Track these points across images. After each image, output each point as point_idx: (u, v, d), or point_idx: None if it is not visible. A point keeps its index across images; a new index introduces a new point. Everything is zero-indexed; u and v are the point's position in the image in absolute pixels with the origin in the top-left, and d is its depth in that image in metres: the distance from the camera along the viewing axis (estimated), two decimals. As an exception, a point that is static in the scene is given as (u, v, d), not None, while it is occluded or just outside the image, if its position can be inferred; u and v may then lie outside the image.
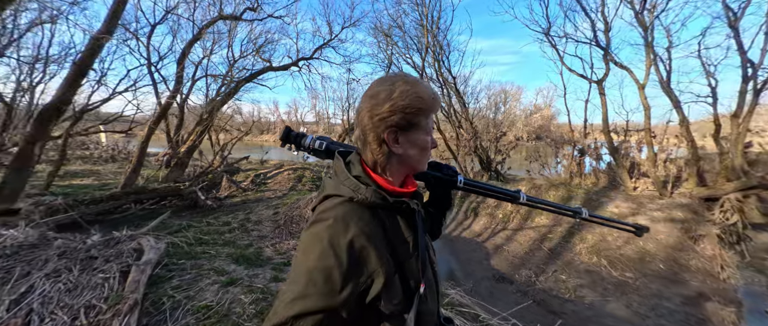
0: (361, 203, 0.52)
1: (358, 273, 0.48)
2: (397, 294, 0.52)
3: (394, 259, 0.53)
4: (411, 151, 0.57)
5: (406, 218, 0.58)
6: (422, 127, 0.56)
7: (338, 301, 0.45)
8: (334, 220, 0.49)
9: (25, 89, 8.80)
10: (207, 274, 1.83)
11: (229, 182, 5.42)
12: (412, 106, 0.54)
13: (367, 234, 0.50)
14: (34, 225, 2.20)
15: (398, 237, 0.56)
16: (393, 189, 0.56)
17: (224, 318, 1.37)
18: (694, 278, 4.16)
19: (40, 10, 8.06)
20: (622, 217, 5.26)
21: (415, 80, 0.56)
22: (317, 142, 0.71)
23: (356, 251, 0.48)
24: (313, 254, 0.47)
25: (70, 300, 1.34)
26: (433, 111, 0.57)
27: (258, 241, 3.16)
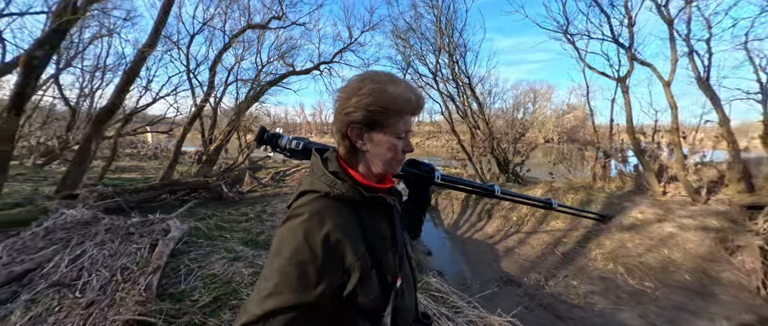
0: (337, 198, 0.52)
1: (334, 268, 0.47)
2: (373, 289, 0.52)
3: (371, 254, 0.52)
4: (375, 150, 0.56)
5: (383, 213, 0.59)
6: (388, 127, 0.55)
7: (313, 297, 0.44)
8: (310, 215, 0.49)
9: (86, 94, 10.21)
10: (218, 251, 2.14)
11: (251, 178, 5.92)
12: (375, 105, 0.53)
13: (343, 229, 0.50)
14: (89, 208, 2.68)
15: (375, 232, 0.55)
16: (369, 184, 0.56)
17: (225, 285, 1.65)
18: (725, 292, 3.83)
19: (100, 25, 9.32)
20: (647, 224, 4.95)
21: (389, 79, 0.55)
22: (294, 141, 0.70)
23: (332, 245, 0.47)
24: (287, 249, 0.47)
25: (110, 263, 1.69)
26: (404, 113, 0.55)
27: (269, 230, 3.50)
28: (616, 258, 4.46)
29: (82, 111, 9.72)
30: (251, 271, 1.81)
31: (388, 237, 0.58)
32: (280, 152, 0.72)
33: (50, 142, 9.18)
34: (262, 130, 0.72)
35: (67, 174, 3.78)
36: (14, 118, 3.34)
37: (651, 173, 5.47)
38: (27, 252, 1.73)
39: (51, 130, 10.22)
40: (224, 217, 3.70)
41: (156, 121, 10.68)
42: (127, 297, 1.36)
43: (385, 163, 0.57)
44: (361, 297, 0.50)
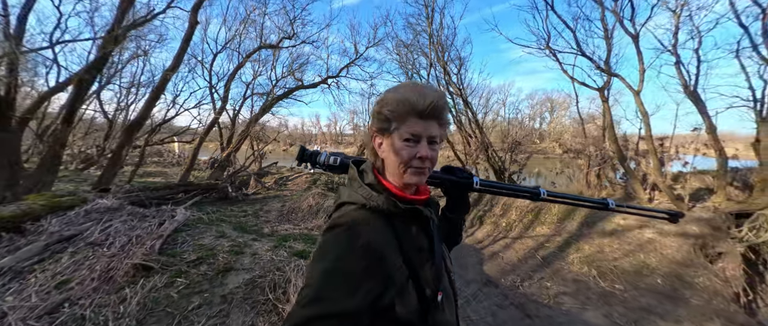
0: (373, 210, 0.54)
1: (371, 278, 0.48)
2: (411, 302, 0.51)
3: (408, 266, 0.53)
4: (388, 156, 0.58)
5: (419, 225, 0.59)
6: (394, 131, 0.56)
7: (351, 305, 0.45)
8: (348, 226, 0.51)
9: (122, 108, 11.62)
10: (211, 232, 2.72)
11: (256, 182, 6.62)
12: (383, 111, 0.56)
13: (380, 241, 0.51)
14: (117, 199, 3.38)
15: (412, 244, 0.55)
16: (404, 195, 0.58)
17: (209, 251, 2.20)
18: (697, 297, 3.93)
19: (136, 47, 10.72)
20: (628, 230, 5.08)
21: (401, 85, 0.58)
22: (331, 158, 0.73)
23: (369, 256, 0.49)
24: (327, 259, 0.48)
25: (129, 232, 2.30)
26: (408, 115, 0.55)
27: (262, 223, 4.08)
28: (591, 262, 4.64)
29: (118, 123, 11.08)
30: (230, 244, 2.37)
31: (425, 249, 0.58)
32: (319, 168, 0.75)
33: (89, 150, 10.52)
34: (302, 148, 0.75)
35: (102, 174, 4.60)
36: (66, 128, 4.22)
37: (636, 181, 5.58)
38: (72, 225, 2.38)
39: (91, 140, 11.66)
40: (225, 212, 4.33)
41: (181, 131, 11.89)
42: (138, 251, 1.94)
43: (399, 170, 0.57)
44: (399, 309, 0.50)
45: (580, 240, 5.15)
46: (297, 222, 4.13)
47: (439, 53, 7.68)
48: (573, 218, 5.74)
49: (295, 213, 4.50)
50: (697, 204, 5.18)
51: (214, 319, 1.46)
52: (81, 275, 1.73)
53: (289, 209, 4.64)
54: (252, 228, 3.39)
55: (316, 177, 7.52)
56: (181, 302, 1.58)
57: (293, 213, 4.50)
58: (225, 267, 1.96)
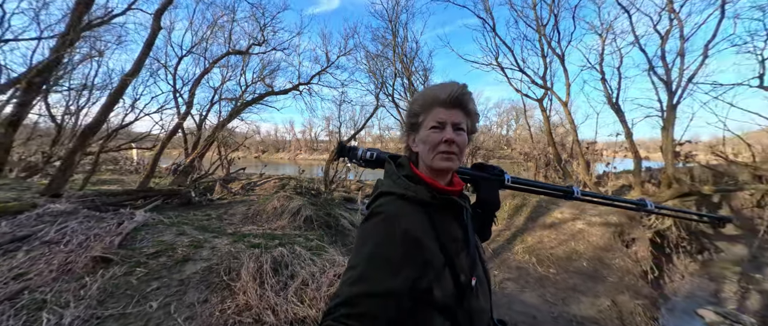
0: (410, 200, 0.58)
1: (410, 263, 0.52)
2: (448, 286, 0.56)
3: (444, 254, 0.57)
4: (421, 148, 0.63)
5: (453, 215, 0.63)
6: (423, 123, 0.63)
7: (394, 285, 0.50)
8: (388, 215, 0.56)
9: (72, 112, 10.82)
10: (171, 231, 2.86)
11: (222, 187, 6.60)
12: (412, 109, 0.64)
13: (417, 229, 0.55)
14: (71, 203, 3.36)
15: (447, 233, 0.59)
16: (440, 187, 0.62)
17: (170, 247, 2.37)
18: (613, 275, 4.65)
19: (90, 47, 10.11)
20: (564, 222, 5.82)
21: (434, 85, 0.64)
22: (368, 153, 0.77)
23: (409, 241, 0.53)
24: (370, 243, 0.53)
25: (87, 232, 2.40)
26: (433, 106, 0.62)
27: (226, 225, 4.19)
28: (532, 251, 5.27)
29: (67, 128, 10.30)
30: (190, 240, 2.54)
31: (460, 238, 0.62)
32: (356, 162, 0.79)
33: (33, 157, 9.67)
34: (341, 144, 0.81)
35: (52, 181, 4.42)
36: (11, 132, 4.06)
37: (572, 180, 6.42)
38: (24, 227, 2.43)
39: (33, 146, 10.70)
40: (188, 217, 4.38)
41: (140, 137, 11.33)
42: (97, 246, 2.08)
43: (429, 157, 0.63)
44: (437, 293, 0.54)
45: (524, 233, 5.80)
46: (261, 224, 4.29)
47: (404, 64, 8.24)
48: (521, 214, 6.43)
49: (259, 215, 4.65)
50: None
51: (171, 297, 1.68)
52: (38, 268, 1.85)
53: (254, 212, 4.78)
54: (214, 229, 3.53)
55: (284, 182, 7.60)
56: (141, 286, 1.77)
57: (258, 215, 4.65)
58: (184, 258, 2.16)
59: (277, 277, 1.85)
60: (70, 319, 1.40)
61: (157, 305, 1.59)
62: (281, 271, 1.93)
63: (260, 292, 1.62)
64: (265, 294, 1.60)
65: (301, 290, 1.65)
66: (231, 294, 1.69)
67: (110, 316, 1.48)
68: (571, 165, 6.68)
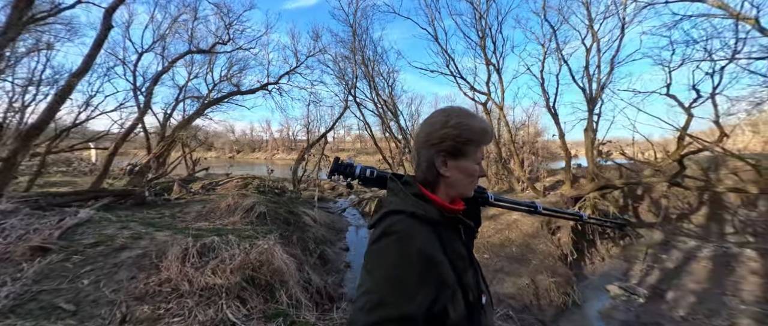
0: (422, 219, 0.60)
1: (427, 284, 0.52)
2: (460, 305, 0.57)
3: (455, 272, 0.58)
4: (458, 175, 0.65)
5: (457, 234, 0.67)
6: (470, 155, 0.65)
7: (413, 309, 0.50)
8: (402, 234, 0.56)
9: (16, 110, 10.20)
10: (116, 226, 3.09)
11: (181, 187, 6.70)
12: (462, 136, 0.64)
13: (430, 248, 0.56)
14: (12, 203, 3.47)
15: (454, 251, 0.62)
16: (448, 206, 0.65)
17: (110, 238, 2.64)
18: (536, 258, 5.37)
19: (37, 40, 9.61)
20: (503, 214, 6.53)
21: (469, 114, 0.67)
22: (367, 171, 0.78)
23: (425, 260, 0.54)
24: (385, 264, 0.54)
25: (26, 227, 2.61)
26: (482, 143, 0.66)
27: (177, 223, 4.41)
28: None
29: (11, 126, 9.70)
30: (130, 233, 2.82)
31: (465, 256, 0.65)
32: (352, 180, 0.78)
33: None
34: (336, 160, 0.78)
35: (-9, 182, 4.39)
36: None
37: (512, 177, 7.19)
38: (-39, 224, 2.59)
39: (-29, 147, 9.99)
40: (140, 215, 4.55)
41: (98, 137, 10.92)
42: (35, 238, 2.32)
43: (464, 187, 0.67)
44: (451, 313, 0.55)
45: (469, 224, 6.46)
46: (213, 220, 4.55)
47: (367, 67, 8.67)
48: (468, 207, 7.10)
49: (213, 213, 4.89)
50: (551, 191, 6.90)
51: (103, 276, 1.99)
52: (-23, 258, 2.08)
53: (208, 210, 5.01)
54: (162, 225, 3.77)
55: (247, 181, 7.78)
56: (75, 269, 2.06)
57: (212, 213, 4.89)
58: (121, 247, 2.45)
59: (203, 258, 2.21)
60: (5, 294, 1.68)
61: (88, 282, 1.89)
62: (207, 254, 2.29)
63: (181, 269, 1.97)
64: (185, 270, 1.96)
65: (218, 266, 2.02)
66: (157, 271, 2.03)
67: (44, 291, 1.77)
68: (508, 162, 7.44)
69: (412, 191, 0.64)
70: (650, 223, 7.78)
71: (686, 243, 6.97)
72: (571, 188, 6.82)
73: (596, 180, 6.30)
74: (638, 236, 7.38)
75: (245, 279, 1.89)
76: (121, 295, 1.77)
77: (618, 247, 7.09)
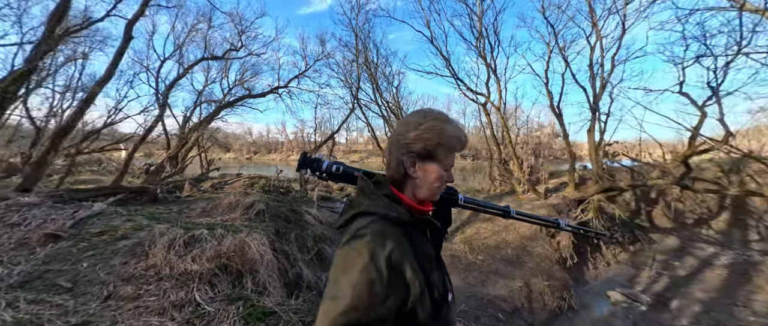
0: (392, 220, 0.60)
1: (398, 285, 0.54)
2: (427, 305, 0.58)
3: (423, 272, 0.59)
4: (425, 178, 0.66)
5: (426, 235, 0.69)
6: (439, 159, 0.66)
7: (383, 312, 0.51)
8: (372, 236, 0.56)
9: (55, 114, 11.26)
10: (123, 218, 3.44)
11: (191, 185, 7.16)
12: (433, 140, 0.64)
13: (401, 250, 0.57)
14: (39, 197, 3.92)
15: (423, 252, 0.63)
16: (417, 207, 0.67)
17: (115, 229, 2.96)
18: (532, 261, 5.31)
19: (73, 50, 10.58)
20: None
21: (446, 118, 0.68)
22: (334, 166, 0.77)
23: (395, 264, 0.55)
24: (355, 269, 0.53)
25: (44, 217, 2.98)
26: (454, 149, 0.67)
27: (183, 218, 4.76)
28: (468, 241, 5.92)
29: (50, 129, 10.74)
30: (132, 225, 3.13)
31: (433, 256, 0.67)
32: (319, 176, 0.78)
33: (13, 158, 10.13)
34: (304, 154, 0.78)
35: (25, 178, 4.96)
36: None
37: (511, 177, 7.09)
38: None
39: (15, 147, 11.14)
40: (149, 210, 4.95)
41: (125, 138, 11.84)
42: (50, 226, 2.66)
43: (430, 190, 0.68)
44: (419, 313, 0.57)
45: (466, 226, 6.45)
46: (214, 216, 4.87)
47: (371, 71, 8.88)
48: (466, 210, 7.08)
49: (216, 209, 5.23)
50: (553, 194, 6.75)
51: (100, 260, 2.27)
52: (2, 243, 2.43)
53: (212, 207, 5.36)
54: (165, 219, 4.11)
55: (254, 181, 8.17)
56: (79, 253, 2.36)
57: (214, 209, 5.23)
58: (122, 236, 2.75)
59: (188, 248, 2.45)
60: (18, 272, 1.98)
61: (87, 265, 2.18)
62: (193, 244, 2.53)
63: (166, 256, 2.22)
64: (169, 257, 2.20)
65: (197, 255, 2.25)
66: (146, 258, 2.28)
67: (49, 271, 2.07)
68: (508, 163, 7.35)
69: (384, 192, 0.65)
70: (664, 228, 7.43)
71: (704, 249, 6.61)
72: (575, 190, 6.65)
73: (600, 182, 6.11)
74: (651, 241, 7.07)
75: (219, 267, 2.10)
76: (112, 277, 2.03)
77: (627, 253, 6.83)
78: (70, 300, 1.72)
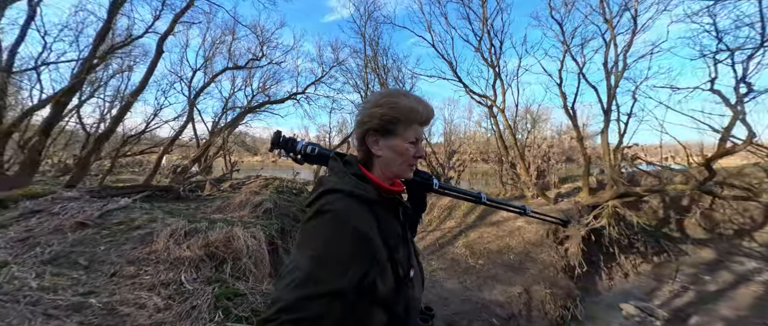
0: (359, 198, 0.62)
1: (361, 259, 0.56)
2: (389, 280, 0.61)
3: (387, 248, 0.62)
4: (390, 154, 0.69)
5: (394, 213, 0.71)
6: (399, 134, 0.68)
7: (343, 284, 0.52)
8: (338, 212, 0.58)
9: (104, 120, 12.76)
10: (141, 212, 3.92)
11: (212, 185, 7.79)
12: (388, 115, 0.66)
13: (365, 226, 0.59)
14: (79, 192, 4.57)
15: (389, 229, 0.65)
16: (385, 187, 0.69)
17: (133, 220, 3.41)
18: (535, 268, 5.18)
19: (120, 64, 11.94)
20: (506, 220, 6.35)
21: (402, 94, 0.70)
22: (309, 147, 0.79)
23: (358, 238, 0.57)
24: (318, 242, 0.55)
25: (79, 209, 3.50)
26: (414, 121, 0.69)
27: (194, 212, 5.26)
28: (470, 245, 5.89)
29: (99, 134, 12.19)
30: (148, 217, 3.57)
31: (399, 234, 0.69)
32: (293, 157, 0.80)
33: (68, 160, 11.62)
34: (278, 133, 0.79)
35: (71, 177, 5.77)
36: (43, 139, 5.42)
37: (519, 181, 6.88)
38: (40, 205, 3.58)
39: (71, 150, 12.75)
40: (170, 206, 5.52)
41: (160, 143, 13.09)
42: (81, 215, 3.14)
43: (397, 167, 0.70)
44: (380, 287, 0.59)
45: (470, 230, 6.40)
46: (226, 213, 5.31)
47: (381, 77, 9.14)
48: (473, 213, 7.01)
49: (228, 207, 5.69)
50: (564, 199, 6.46)
51: (114, 245, 2.66)
52: (42, 227, 2.92)
53: (225, 204, 5.83)
54: (179, 214, 4.58)
55: (269, 181, 8.69)
56: (100, 239, 2.78)
57: (227, 207, 5.69)
58: (137, 226, 3.17)
59: (187, 237, 2.79)
60: (49, 251, 2.41)
61: (104, 248, 2.57)
62: (193, 235, 2.87)
63: (166, 244, 2.56)
64: (168, 244, 2.53)
65: (192, 243, 2.57)
66: (151, 244, 2.65)
67: (73, 252, 2.48)
68: (514, 166, 7.15)
69: (352, 171, 0.66)
70: (698, 239, 6.85)
71: (743, 264, 6.02)
72: (589, 196, 6.35)
73: (616, 187, 5.80)
74: (681, 253, 6.55)
75: (207, 254, 2.39)
76: (120, 259, 2.39)
77: (649, 263, 6.39)
78: (84, 275, 2.08)
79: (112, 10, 5.82)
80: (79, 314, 1.58)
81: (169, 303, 1.79)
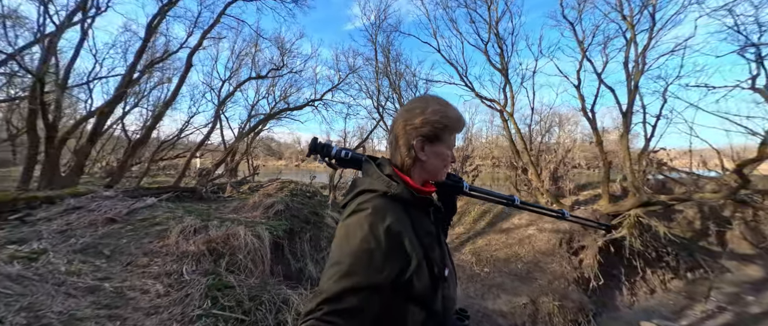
0: (393, 197, 0.65)
1: (396, 255, 0.59)
2: (424, 277, 0.63)
3: (422, 247, 0.65)
4: (433, 160, 0.72)
5: (427, 213, 0.74)
6: (445, 141, 0.73)
7: (380, 279, 0.55)
8: (373, 210, 0.61)
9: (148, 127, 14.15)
10: (163, 210, 4.37)
11: (232, 187, 8.37)
12: (440, 122, 0.70)
13: (399, 224, 0.62)
14: (115, 192, 5.17)
15: (422, 228, 0.68)
16: (419, 188, 0.71)
17: (154, 217, 3.83)
18: (544, 278, 4.99)
19: (160, 76, 13.17)
20: (518, 228, 6.17)
21: (446, 102, 0.74)
22: (343, 152, 0.84)
23: (393, 236, 0.59)
24: (355, 239, 0.58)
25: (111, 207, 4.00)
26: (457, 130, 0.74)
27: (213, 212, 5.70)
28: (477, 252, 5.81)
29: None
30: (168, 215, 3.99)
31: (433, 234, 0.72)
32: (328, 162, 0.85)
33: (113, 163, 13.03)
34: (314, 140, 0.85)
35: (111, 178, 6.52)
36: (89, 146, 6.20)
37: (533, 187, 6.63)
38: (81, 202, 4.13)
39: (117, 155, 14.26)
40: (191, 206, 6.03)
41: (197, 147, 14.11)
42: (112, 212, 3.60)
43: (436, 171, 0.74)
44: (416, 284, 0.61)
45: (478, 236, 6.30)
46: (240, 213, 5.71)
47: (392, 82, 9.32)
48: (483, 219, 6.89)
49: (243, 208, 6.11)
50: (581, 207, 6.12)
51: (134, 238, 3.03)
52: (80, 222, 3.39)
53: (241, 205, 6.26)
54: (198, 213, 5.02)
55: (285, 184, 9.16)
56: (124, 232, 3.17)
57: (242, 208, 6.11)
58: (157, 223, 3.56)
59: (196, 234, 3.10)
60: (81, 241, 2.81)
61: (125, 241, 2.94)
62: (201, 232, 3.18)
63: (177, 239, 2.87)
64: (178, 240, 2.85)
65: (198, 238, 2.86)
66: (165, 239, 2.98)
67: (100, 243, 2.87)
68: (525, 170, 6.89)
69: (386, 172, 0.70)
70: (744, 254, 6.22)
71: (798, 285, 5.37)
72: (609, 204, 5.99)
73: (638, 195, 5.43)
74: (723, 270, 5.97)
75: (208, 249, 2.65)
76: (138, 250, 2.73)
77: (681, 280, 5.89)
78: (104, 263, 2.41)
79: (149, 30, 6.57)
80: (93, 295, 1.87)
81: (169, 290, 2.05)
